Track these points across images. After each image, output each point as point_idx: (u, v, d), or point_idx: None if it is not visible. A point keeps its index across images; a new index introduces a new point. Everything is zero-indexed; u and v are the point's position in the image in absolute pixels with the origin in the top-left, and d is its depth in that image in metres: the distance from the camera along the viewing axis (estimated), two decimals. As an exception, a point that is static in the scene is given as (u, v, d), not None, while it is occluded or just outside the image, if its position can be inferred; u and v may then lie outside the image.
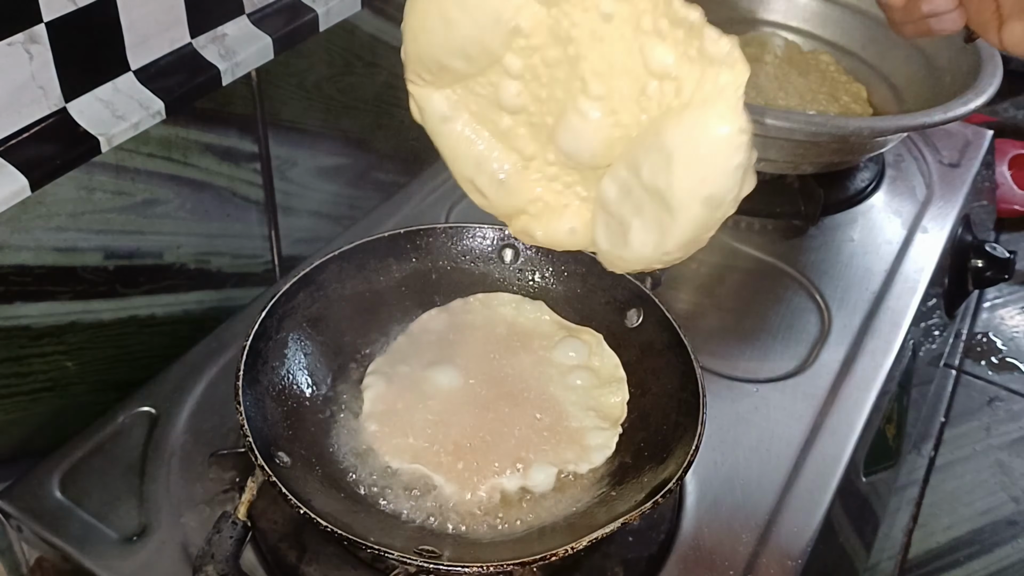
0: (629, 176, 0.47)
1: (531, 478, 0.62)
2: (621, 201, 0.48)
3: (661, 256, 0.49)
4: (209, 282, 0.81)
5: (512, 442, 0.64)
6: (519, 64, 0.48)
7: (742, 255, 0.91)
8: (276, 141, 0.81)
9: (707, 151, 0.44)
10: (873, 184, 1.01)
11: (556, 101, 0.48)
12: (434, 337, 0.70)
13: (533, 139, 0.51)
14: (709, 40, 0.42)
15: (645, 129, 0.46)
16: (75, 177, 0.64)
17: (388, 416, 0.65)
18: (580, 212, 0.52)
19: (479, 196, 0.55)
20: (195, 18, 0.68)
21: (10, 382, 0.67)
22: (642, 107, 0.45)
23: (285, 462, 0.59)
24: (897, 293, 0.88)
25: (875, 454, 0.81)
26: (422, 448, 0.63)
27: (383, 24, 0.87)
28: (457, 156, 0.54)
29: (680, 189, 0.45)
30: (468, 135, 0.52)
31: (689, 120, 0.43)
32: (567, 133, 0.48)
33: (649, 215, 0.47)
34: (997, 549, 1.28)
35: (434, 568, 0.53)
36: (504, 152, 0.52)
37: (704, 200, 0.45)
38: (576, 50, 0.46)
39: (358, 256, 0.70)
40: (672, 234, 0.47)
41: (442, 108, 0.52)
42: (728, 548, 0.65)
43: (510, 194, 0.53)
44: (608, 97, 0.46)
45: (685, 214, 0.46)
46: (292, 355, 0.66)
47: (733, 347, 0.81)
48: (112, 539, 0.63)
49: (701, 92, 0.43)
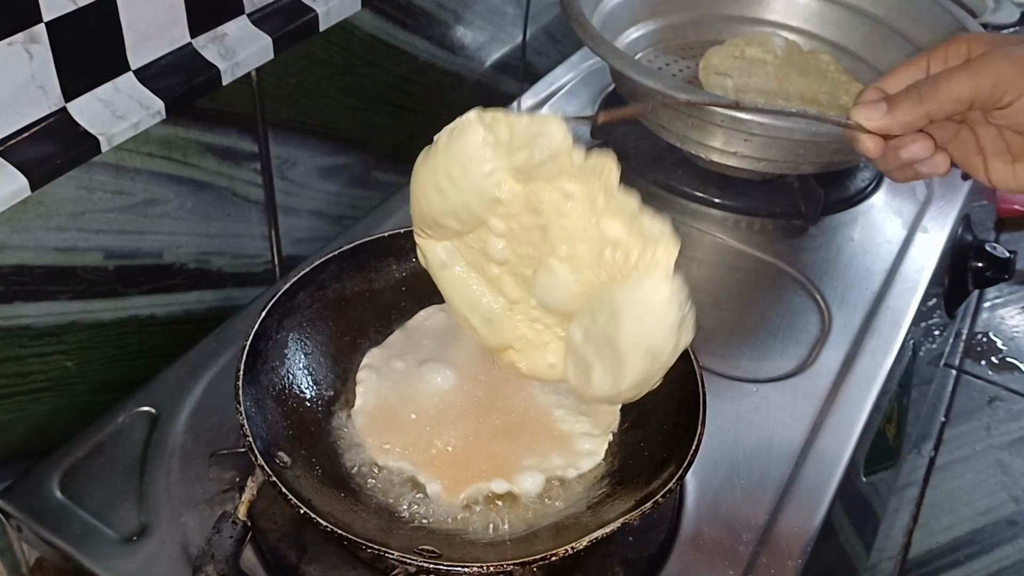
0: (590, 324, 0.56)
1: (519, 483, 0.62)
2: (585, 345, 0.56)
3: (616, 395, 0.56)
4: (209, 282, 0.81)
5: (501, 446, 0.64)
6: (502, 226, 0.57)
7: (742, 255, 0.91)
8: (276, 141, 0.81)
9: (646, 310, 0.52)
10: (873, 184, 1.01)
11: (532, 258, 0.57)
12: (431, 334, 0.70)
13: (517, 286, 0.59)
14: (647, 222, 0.52)
15: (602, 286, 0.54)
16: (75, 177, 0.64)
17: (379, 412, 0.65)
18: (558, 349, 0.60)
19: (472, 331, 0.62)
20: (195, 18, 0.68)
21: (10, 382, 0.67)
22: (600, 268, 0.54)
23: (285, 462, 0.59)
24: (897, 293, 0.88)
25: (875, 454, 0.81)
26: (409, 448, 0.63)
27: (383, 24, 0.87)
28: (454, 297, 0.62)
29: (626, 341, 0.53)
30: (463, 280, 0.61)
31: (632, 284, 0.52)
32: (540, 286, 0.57)
33: (606, 359, 0.55)
34: (997, 549, 1.28)
35: (434, 568, 0.53)
36: (493, 296, 0.61)
37: (645, 351, 0.53)
38: (545, 220, 0.54)
39: (358, 256, 0.70)
40: (622, 377, 0.55)
41: (441, 256, 0.61)
42: (728, 548, 0.65)
43: (498, 331, 0.61)
44: (572, 259, 0.55)
45: (630, 361, 0.54)
46: (292, 355, 0.66)
47: (733, 347, 0.81)
48: (112, 539, 0.63)
49: (643, 261, 0.52)
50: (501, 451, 0.63)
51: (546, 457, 0.64)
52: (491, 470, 0.62)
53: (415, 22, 0.92)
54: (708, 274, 0.90)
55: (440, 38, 0.98)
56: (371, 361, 0.69)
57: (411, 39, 0.93)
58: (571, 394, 0.63)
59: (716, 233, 0.93)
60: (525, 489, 0.62)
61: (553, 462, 0.63)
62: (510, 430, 0.65)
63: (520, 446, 0.64)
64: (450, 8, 0.97)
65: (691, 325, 0.53)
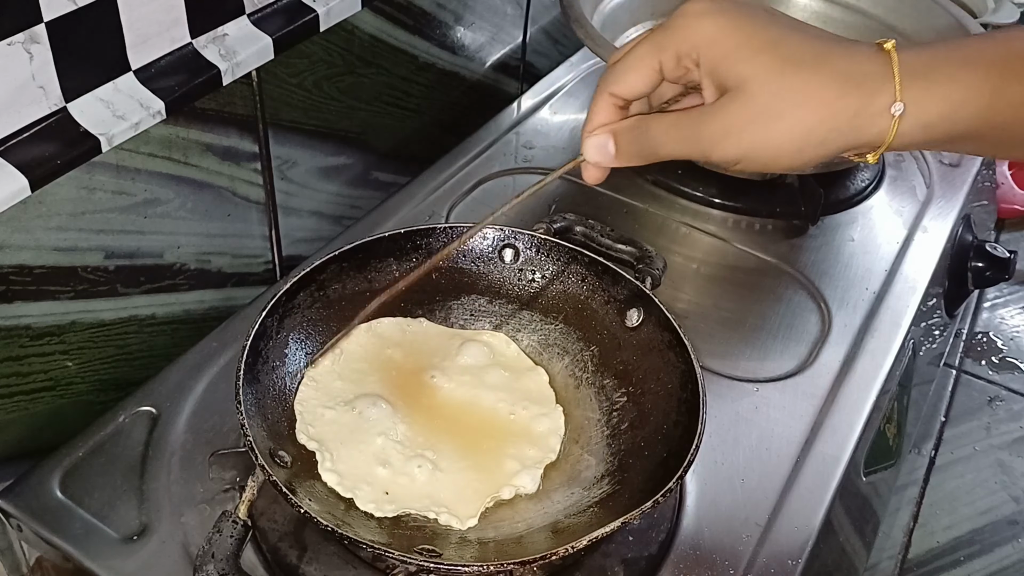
0: None
1: (520, 485, 0.62)
2: None
3: None
4: (209, 282, 0.81)
5: (480, 459, 0.64)
6: None
7: (742, 255, 0.91)
8: (276, 141, 0.81)
9: None
10: (873, 184, 1.01)
11: None
12: (357, 362, 0.69)
13: None
14: None
15: None
16: (75, 177, 0.64)
17: (346, 472, 0.62)
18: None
19: None
20: (195, 18, 0.68)
21: (10, 382, 0.67)
22: None
23: (285, 462, 0.59)
24: (897, 293, 0.88)
25: (875, 454, 0.81)
26: (401, 499, 0.61)
27: (383, 24, 0.87)
28: None
29: None
30: None
31: None
32: None
33: None
34: (997, 549, 1.28)
35: (434, 567, 0.53)
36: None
37: None
38: None
39: (358, 256, 0.70)
40: None
41: None
42: (728, 548, 0.65)
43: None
44: None
45: None
46: (292, 355, 0.66)
47: (733, 347, 0.81)
48: (112, 539, 0.63)
49: None
50: (484, 463, 0.63)
51: (523, 452, 0.64)
52: (486, 482, 0.62)
53: (415, 22, 0.92)
54: (708, 274, 0.90)
55: (440, 38, 0.98)
56: (312, 377, 0.67)
57: (411, 39, 0.93)
58: None
59: (716, 233, 0.93)
60: (527, 487, 0.62)
61: (529, 454, 0.64)
62: (477, 442, 0.65)
63: (495, 452, 0.64)
64: (450, 8, 0.97)
65: None
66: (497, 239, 0.73)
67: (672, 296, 0.84)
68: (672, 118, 0.50)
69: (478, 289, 0.74)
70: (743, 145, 0.47)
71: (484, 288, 0.74)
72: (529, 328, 0.73)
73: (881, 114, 0.45)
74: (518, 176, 0.97)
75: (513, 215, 0.92)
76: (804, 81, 0.46)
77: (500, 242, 0.73)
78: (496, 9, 1.06)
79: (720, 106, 0.47)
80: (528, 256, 0.73)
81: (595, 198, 0.95)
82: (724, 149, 0.48)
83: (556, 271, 0.73)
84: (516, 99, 1.09)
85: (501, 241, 0.73)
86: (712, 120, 0.48)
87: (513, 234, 0.73)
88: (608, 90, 0.52)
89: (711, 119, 0.48)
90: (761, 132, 0.46)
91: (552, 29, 1.20)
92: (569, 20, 0.92)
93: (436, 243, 0.72)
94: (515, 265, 0.74)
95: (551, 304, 0.73)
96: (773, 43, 0.46)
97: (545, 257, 0.73)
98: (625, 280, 0.70)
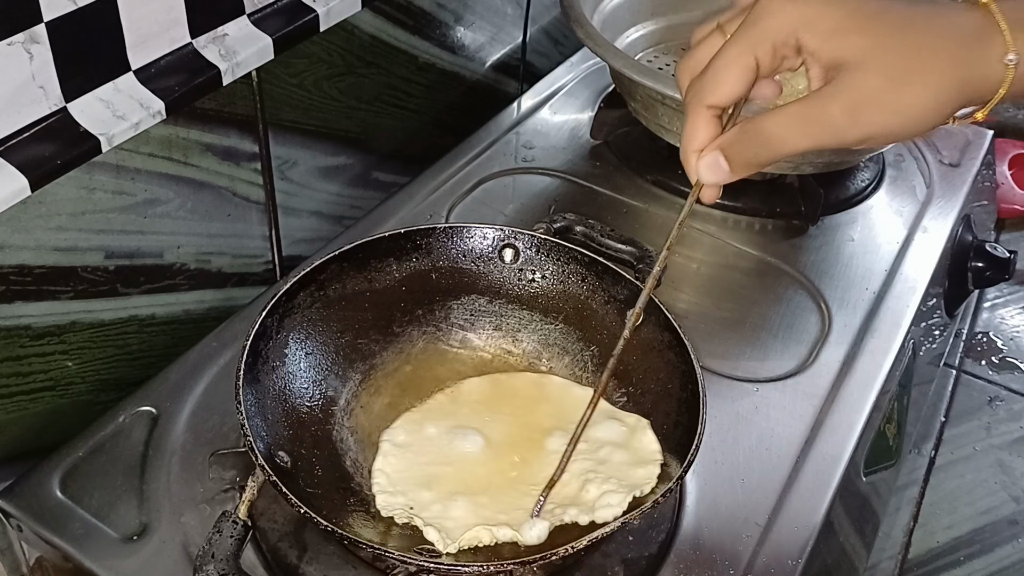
0: None
1: (524, 533, 0.59)
2: None
3: None
4: (209, 282, 0.81)
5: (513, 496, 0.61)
6: None
7: (742, 255, 0.91)
8: (276, 141, 0.81)
9: None
10: (873, 184, 1.01)
11: None
12: (472, 404, 0.68)
13: None
14: None
15: None
16: (75, 177, 0.64)
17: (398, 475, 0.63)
18: None
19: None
20: (195, 18, 0.68)
21: (10, 382, 0.67)
22: None
23: (285, 462, 0.59)
24: (897, 293, 0.88)
25: (875, 454, 0.81)
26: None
27: (383, 24, 0.87)
28: None
29: None
30: None
31: None
32: None
33: None
34: (998, 549, 1.28)
35: (434, 567, 0.53)
36: None
37: None
38: None
39: (358, 256, 0.70)
40: None
41: None
42: (728, 548, 0.65)
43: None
44: None
45: None
46: (292, 355, 0.66)
47: (733, 347, 0.81)
48: (112, 539, 0.63)
49: None
50: (508, 508, 0.60)
51: (558, 512, 0.60)
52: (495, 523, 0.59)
53: (415, 22, 0.92)
54: (708, 274, 0.90)
55: (440, 38, 0.98)
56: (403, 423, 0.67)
57: (411, 39, 0.93)
58: None
59: (716, 233, 0.93)
60: (529, 538, 0.59)
61: (569, 512, 0.60)
62: (521, 488, 0.62)
63: (525, 500, 0.61)
64: (450, 8, 0.97)
65: None
66: (497, 239, 0.73)
67: (672, 296, 0.84)
68: (790, 111, 0.47)
69: (478, 289, 0.74)
70: (877, 118, 0.45)
71: (484, 288, 0.74)
72: (529, 328, 0.73)
73: (995, 65, 0.45)
74: (518, 176, 0.97)
75: (513, 215, 0.92)
76: (920, 41, 0.45)
77: (500, 242, 0.73)
78: (496, 9, 1.06)
79: (842, 83, 0.45)
80: (528, 256, 0.73)
81: (595, 198, 0.95)
82: (859, 126, 0.46)
83: (556, 271, 0.73)
84: (516, 99, 1.09)
85: (501, 241, 0.73)
86: (837, 99, 0.46)
87: (513, 234, 0.73)
88: (704, 103, 0.49)
89: (836, 99, 0.46)
90: (893, 99, 0.45)
91: (552, 29, 1.20)
92: (569, 20, 0.92)
93: (436, 243, 0.72)
94: (515, 265, 0.74)
95: (551, 304, 0.73)
96: (877, 11, 0.46)
97: (545, 257, 0.73)
98: (625, 280, 0.70)
